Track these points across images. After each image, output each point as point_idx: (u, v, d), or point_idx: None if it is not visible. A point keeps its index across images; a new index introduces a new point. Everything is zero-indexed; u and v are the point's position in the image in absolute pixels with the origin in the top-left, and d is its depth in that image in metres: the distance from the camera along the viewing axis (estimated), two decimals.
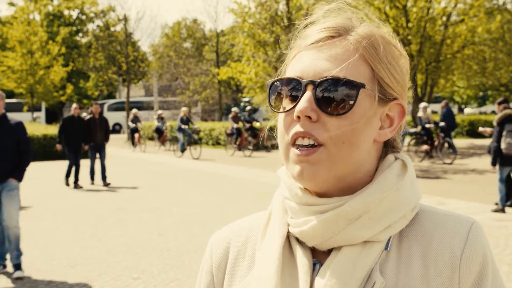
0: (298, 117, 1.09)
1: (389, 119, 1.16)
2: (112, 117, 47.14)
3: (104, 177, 16.06)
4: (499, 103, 11.13)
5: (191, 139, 24.60)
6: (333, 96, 1.08)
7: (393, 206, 1.11)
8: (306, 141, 1.09)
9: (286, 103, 1.14)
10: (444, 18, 23.85)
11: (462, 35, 23.99)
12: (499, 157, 10.63)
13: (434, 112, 20.60)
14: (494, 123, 10.83)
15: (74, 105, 15.66)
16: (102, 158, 16.15)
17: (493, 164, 10.80)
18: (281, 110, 1.15)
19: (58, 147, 15.67)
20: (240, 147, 25.72)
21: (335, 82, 1.08)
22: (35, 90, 43.67)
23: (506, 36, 26.30)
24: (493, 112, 46.44)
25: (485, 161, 17.95)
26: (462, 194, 11.50)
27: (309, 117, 1.08)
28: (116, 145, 33.28)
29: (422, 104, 19.84)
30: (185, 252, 8.30)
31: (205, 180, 16.65)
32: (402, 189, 1.13)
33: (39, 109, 49.45)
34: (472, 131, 31.71)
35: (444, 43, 23.84)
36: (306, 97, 1.09)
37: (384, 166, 1.16)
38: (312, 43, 1.14)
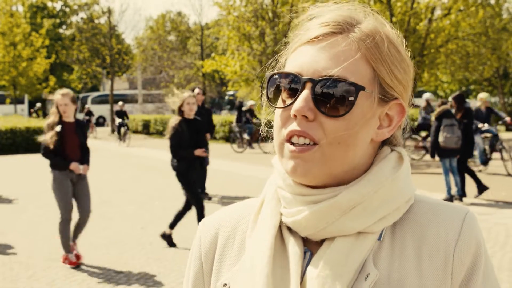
0: (295, 115, 1.08)
1: (388, 118, 1.15)
2: (96, 110, 46.93)
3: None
4: (454, 98, 11.69)
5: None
6: (332, 96, 1.07)
7: (388, 197, 1.11)
8: (301, 140, 1.08)
9: (284, 97, 1.12)
10: (428, 13, 23.94)
11: (446, 29, 24.10)
12: (438, 150, 11.07)
13: (416, 107, 20.55)
14: (433, 118, 11.31)
15: (197, 90, 11.71)
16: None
17: (432, 156, 11.37)
18: (279, 103, 1.13)
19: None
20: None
21: (335, 82, 1.06)
22: (18, 82, 43.36)
23: (489, 31, 26.46)
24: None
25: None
26: (444, 187, 11.56)
27: (306, 117, 1.07)
28: (100, 138, 33.11)
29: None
30: (168, 246, 8.27)
31: None
32: (397, 181, 1.12)
33: (22, 102, 49.07)
34: None
35: (428, 38, 23.93)
36: (304, 96, 1.07)
37: (379, 158, 1.16)
38: (313, 38, 1.12)
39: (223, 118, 29.68)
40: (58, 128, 7.07)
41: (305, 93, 1.07)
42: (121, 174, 16.42)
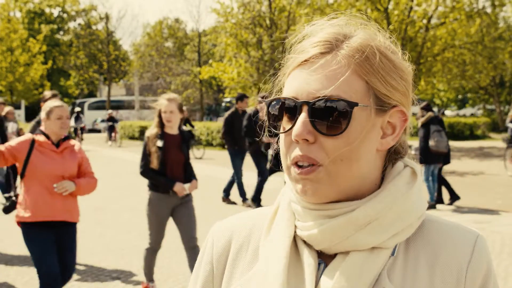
0: (297, 140, 1.10)
1: (391, 126, 1.16)
2: (93, 116, 46.95)
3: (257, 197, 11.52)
4: (422, 108, 11.62)
5: None
6: (327, 116, 1.08)
7: (402, 213, 1.13)
8: (306, 163, 1.10)
9: (285, 122, 1.15)
10: (425, 21, 24.04)
11: (442, 38, 24.19)
12: (426, 156, 11.12)
13: (414, 115, 20.59)
14: (419, 125, 11.37)
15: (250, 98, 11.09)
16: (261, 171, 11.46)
17: (421, 162, 11.36)
18: (281, 128, 1.16)
19: None
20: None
21: (328, 102, 1.08)
22: (15, 88, 43.33)
23: (485, 39, 26.56)
24: (472, 115, 46.89)
25: (464, 163, 18.12)
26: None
27: (307, 140, 1.09)
28: (95, 144, 33.08)
29: None
30: (165, 252, 8.27)
31: None
32: (410, 197, 1.14)
33: (18, 107, 49.03)
34: (452, 133, 32.01)
35: (424, 46, 24.02)
36: (302, 119, 1.09)
37: (393, 174, 1.17)
38: (304, 61, 1.14)
39: (219, 124, 29.71)
40: (159, 143, 5.97)
41: (303, 116, 1.10)
42: (117, 180, 16.41)
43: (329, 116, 1.08)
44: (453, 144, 28.38)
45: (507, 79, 43.40)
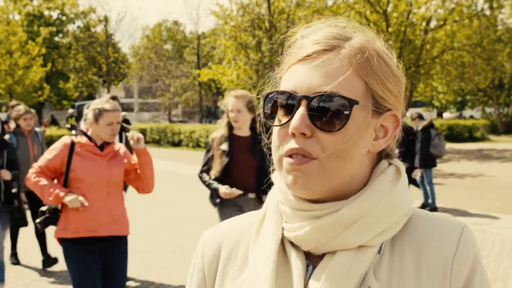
0: (293, 133, 1.10)
1: (384, 129, 1.17)
2: None
3: None
4: (415, 118, 11.75)
5: None
6: (327, 112, 1.09)
7: (387, 211, 1.13)
8: (300, 156, 1.10)
9: (281, 116, 1.15)
10: (424, 23, 24.06)
11: (441, 40, 24.21)
12: (427, 160, 11.18)
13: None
14: (419, 128, 11.36)
15: None
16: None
17: (422, 166, 11.38)
18: (276, 121, 1.16)
19: None
20: None
21: (329, 98, 1.09)
22: (14, 90, 43.25)
23: (484, 41, 26.57)
24: (471, 117, 46.92)
25: (464, 165, 18.13)
26: (440, 197, 11.61)
27: (304, 134, 1.10)
28: None
29: None
30: (165, 254, 8.29)
31: (185, 182, 16.61)
32: (396, 194, 1.15)
33: None
34: (451, 136, 32.02)
35: (423, 48, 24.04)
36: (300, 113, 1.10)
37: (378, 172, 1.18)
38: (306, 56, 1.14)
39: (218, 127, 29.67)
40: (224, 147, 5.24)
41: (301, 110, 1.10)
42: None
43: (329, 112, 1.09)
44: (452, 146, 28.43)
45: (506, 81, 43.42)
